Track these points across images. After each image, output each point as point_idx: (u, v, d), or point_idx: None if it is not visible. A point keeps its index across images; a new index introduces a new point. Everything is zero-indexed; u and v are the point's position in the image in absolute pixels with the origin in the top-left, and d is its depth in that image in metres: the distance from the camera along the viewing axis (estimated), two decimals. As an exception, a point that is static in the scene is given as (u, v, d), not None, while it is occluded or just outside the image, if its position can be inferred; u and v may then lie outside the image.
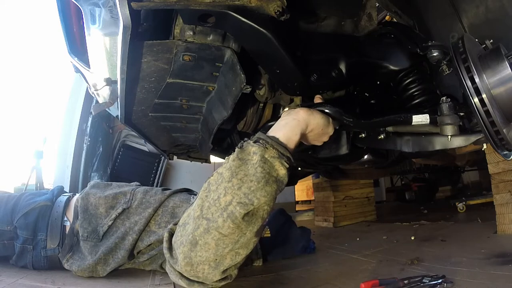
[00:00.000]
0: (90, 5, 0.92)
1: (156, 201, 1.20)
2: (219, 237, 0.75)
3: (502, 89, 0.77)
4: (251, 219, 0.75)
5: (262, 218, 0.77)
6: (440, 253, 1.34)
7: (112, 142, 3.01)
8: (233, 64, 0.93)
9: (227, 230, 0.74)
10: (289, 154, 0.81)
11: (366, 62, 1.09)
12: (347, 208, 2.64)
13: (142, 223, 1.15)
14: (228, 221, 0.73)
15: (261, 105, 1.27)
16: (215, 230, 0.74)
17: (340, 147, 1.32)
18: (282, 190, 0.80)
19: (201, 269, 0.79)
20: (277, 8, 0.77)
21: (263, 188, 0.74)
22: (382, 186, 4.35)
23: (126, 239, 1.15)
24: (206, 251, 0.77)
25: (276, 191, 0.77)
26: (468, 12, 0.99)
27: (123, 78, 0.90)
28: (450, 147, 0.94)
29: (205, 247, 0.76)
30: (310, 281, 1.12)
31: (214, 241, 0.75)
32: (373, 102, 1.21)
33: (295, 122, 0.86)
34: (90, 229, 1.18)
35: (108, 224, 1.17)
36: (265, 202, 0.74)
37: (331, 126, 0.95)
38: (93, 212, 1.20)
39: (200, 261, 0.78)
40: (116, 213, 1.18)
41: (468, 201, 2.42)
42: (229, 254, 0.78)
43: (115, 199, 1.23)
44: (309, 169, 2.00)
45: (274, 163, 0.78)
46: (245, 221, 0.74)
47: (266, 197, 0.74)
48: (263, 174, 0.75)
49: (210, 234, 0.75)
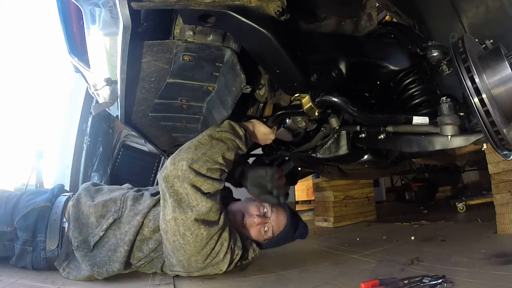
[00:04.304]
0: (90, 5, 0.92)
1: (145, 207, 1.18)
2: (197, 144, 1.10)
3: (502, 89, 0.77)
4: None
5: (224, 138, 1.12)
6: (440, 253, 1.34)
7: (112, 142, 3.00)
8: (233, 64, 0.93)
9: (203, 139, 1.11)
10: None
11: (366, 62, 1.09)
12: (347, 208, 2.64)
13: (132, 232, 1.14)
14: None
15: (261, 105, 1.27)
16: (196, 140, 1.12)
17: (340, 147, 1.32)
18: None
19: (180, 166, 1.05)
20: (277, 8, 0.77)
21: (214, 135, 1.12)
22: (382, 186, 4.34)
23: (118, 251, 1.13)
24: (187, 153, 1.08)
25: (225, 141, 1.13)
26: (468, 12, 0.99)
27: (123, 78, 0.90)
28: (450, 147, 0.94)
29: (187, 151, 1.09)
30: (310, 281, 1.12)
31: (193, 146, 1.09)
32: (373, 102, 1.21)
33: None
34: (81, 239, 1.16)
35: (99, 234, 1.15)
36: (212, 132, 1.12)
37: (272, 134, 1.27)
38: (84, 222, 1.19)
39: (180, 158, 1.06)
40: (107, 223, 1.16)
41: (468, 201, 2.42)
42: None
43: (105, 207, 1.20)
44: (309, 169, 2.00)
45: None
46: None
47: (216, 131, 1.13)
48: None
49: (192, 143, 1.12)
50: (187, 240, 1.04)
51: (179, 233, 1.04)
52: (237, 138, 1.14)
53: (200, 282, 1.15)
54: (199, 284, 1.14)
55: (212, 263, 1.12)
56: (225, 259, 1.12)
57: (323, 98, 0.99)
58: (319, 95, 0.99)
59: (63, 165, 2.91)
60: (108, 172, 2.90)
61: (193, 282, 1.16)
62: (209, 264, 1.12)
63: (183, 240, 1.05)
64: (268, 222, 1.27)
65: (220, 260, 1.12)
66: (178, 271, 1.16)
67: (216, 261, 1.12)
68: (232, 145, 1.13)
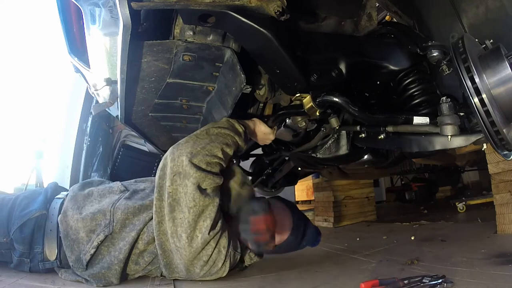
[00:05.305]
0: (90, 5, 0.92)
1: (141, 222, 1.14)
2: (195, 138, 1.10)
3: (502, 89, 0.77)
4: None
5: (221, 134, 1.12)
6: (440, 253, 1.33)
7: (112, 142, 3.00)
8: (233, 64, 0.93)
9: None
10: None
11: (366, 62, 1.09)
12: (347, 208, 2.64)
13: (126, 249, 1.10)
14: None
15: (261, 105, 1.27)
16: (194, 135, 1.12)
17: (340, 147, 1.32)
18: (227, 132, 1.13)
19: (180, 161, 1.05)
20: (277, 8, 0.77)
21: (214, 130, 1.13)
22: (382, 186, 4.34)
23: (112, 269, 1.11)
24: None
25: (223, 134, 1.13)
26: (468, 12, 0.99)
27: (123, 78, 0.90)
28: (450, 147, 0.94)
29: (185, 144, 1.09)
30: (310, 281, 1.12)
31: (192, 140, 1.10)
32: (373, 102, 1.21)
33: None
34: (74, 258, 1.14)
35: (90, 252, 1.11)
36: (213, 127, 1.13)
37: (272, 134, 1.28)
38: (74, 237, 1.15)
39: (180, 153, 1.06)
40: (98, 240, 1.12)
41: (468, 201, 2.42)
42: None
43: (94, 221, 1.15)
44: (309, 169, 2.00)
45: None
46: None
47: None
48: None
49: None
50: (183, 244, 1.03)
51: (176, 235, 1.03)
52: (236, 135, 1.14)
53: (200, 282, 1.15)
54: (199, 284, 1.14)
55: (210, 271, 1.10)
56: (223, 267, 1.11)
57: (324, 98, 0.99)
58: (320, 95, 1.00)
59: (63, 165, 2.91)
60: (108, 172, 2.90)
61: (193, 281, 1.15)
62: (207, 272, 1.10)
63: (179, 243, 1.04)
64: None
65: (218, 269, 1.10)
66: (177, 277, 1.16)
67: (214, 270, 1.10)
68: (231, 141, 1.13)
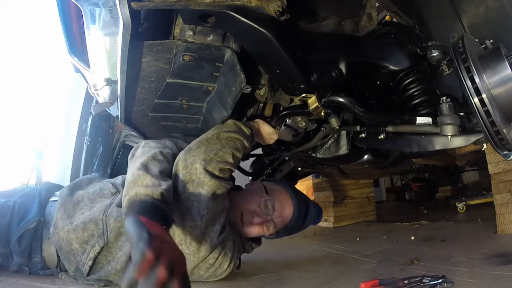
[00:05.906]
0: (90, 5, 0.92)
1: None
2: (207, 144, 1.08)
3: (502, 89, 0.77)
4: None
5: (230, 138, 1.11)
6: (440, 253, 1.34)
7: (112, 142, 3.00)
8: (233, 64, 0.93)
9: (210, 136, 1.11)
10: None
11: (366, 62, 1.08)
12: (347, 208, 2.64)
13: (124, 259, 1.08)
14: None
15: (261, 105, 1.27)
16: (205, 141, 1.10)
17: (340, 147, 1.32)
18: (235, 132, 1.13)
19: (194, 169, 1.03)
20: (277, 8, 0.77)
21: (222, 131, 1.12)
22: (382, 186, 4.34)
23: (111, 277, 1.12)
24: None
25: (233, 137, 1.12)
26: (468, 12, 0.99)
27: (123, 78, 0.90)
28: (450, 147, 0.94)
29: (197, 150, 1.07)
30: (310, 281, 1.12)
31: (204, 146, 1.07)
32: (373, 102, 1.21)
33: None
34: (73, 268, 1.12)
35: (89, 264, 1.09)
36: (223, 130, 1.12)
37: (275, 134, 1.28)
38: (67, 249, 1.12)
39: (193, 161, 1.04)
40: (94, 252, 1.09)
41: (468, 201, 2.42)
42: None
43: (86, 231, 1.10)
44: (309, 169, 2.00)
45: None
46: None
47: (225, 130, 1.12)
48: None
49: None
50: (192, 251, 1.02)
51: (185, 242, 1.01)
52: (244, 139, 1.13)
53: (200, 282, 1.15)
54: (199, 284, 1.14)
55: (215, 273, 1.10)
56: (228, 269, 1.12)
57: (329, 98, 1.00)
58: (325, 95, 1.00)
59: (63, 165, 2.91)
60: (108, 172, 2.90)
61: (193, 282, 1.15)
62: (212, 274, 1.10)
63: (188, 250, 1.02)
64: (270, 220, 1.18)
65: (223, 271, 1.11)
66: None
67: (219, 272, 1.11)
68: (240, 145, 1.12)
